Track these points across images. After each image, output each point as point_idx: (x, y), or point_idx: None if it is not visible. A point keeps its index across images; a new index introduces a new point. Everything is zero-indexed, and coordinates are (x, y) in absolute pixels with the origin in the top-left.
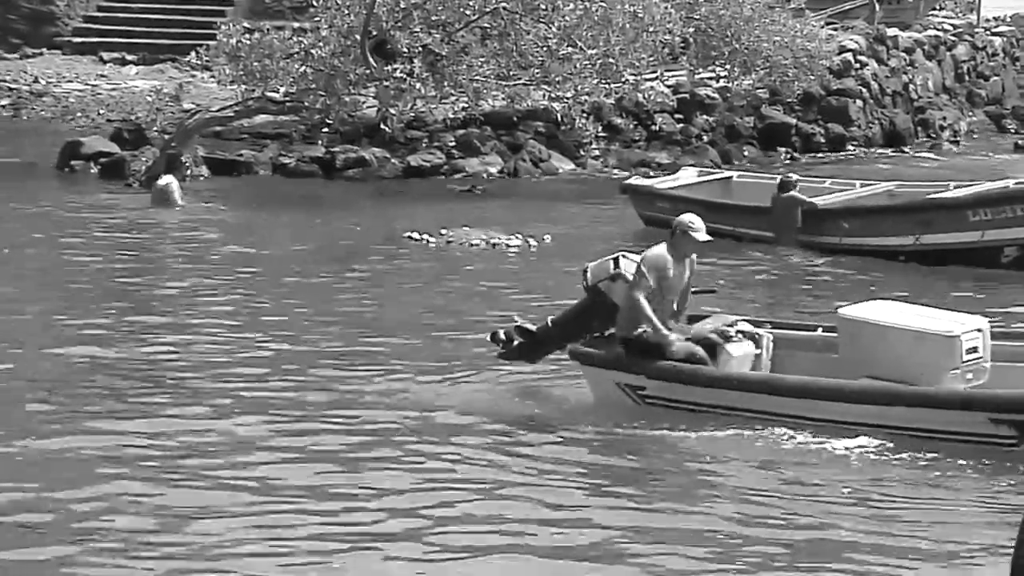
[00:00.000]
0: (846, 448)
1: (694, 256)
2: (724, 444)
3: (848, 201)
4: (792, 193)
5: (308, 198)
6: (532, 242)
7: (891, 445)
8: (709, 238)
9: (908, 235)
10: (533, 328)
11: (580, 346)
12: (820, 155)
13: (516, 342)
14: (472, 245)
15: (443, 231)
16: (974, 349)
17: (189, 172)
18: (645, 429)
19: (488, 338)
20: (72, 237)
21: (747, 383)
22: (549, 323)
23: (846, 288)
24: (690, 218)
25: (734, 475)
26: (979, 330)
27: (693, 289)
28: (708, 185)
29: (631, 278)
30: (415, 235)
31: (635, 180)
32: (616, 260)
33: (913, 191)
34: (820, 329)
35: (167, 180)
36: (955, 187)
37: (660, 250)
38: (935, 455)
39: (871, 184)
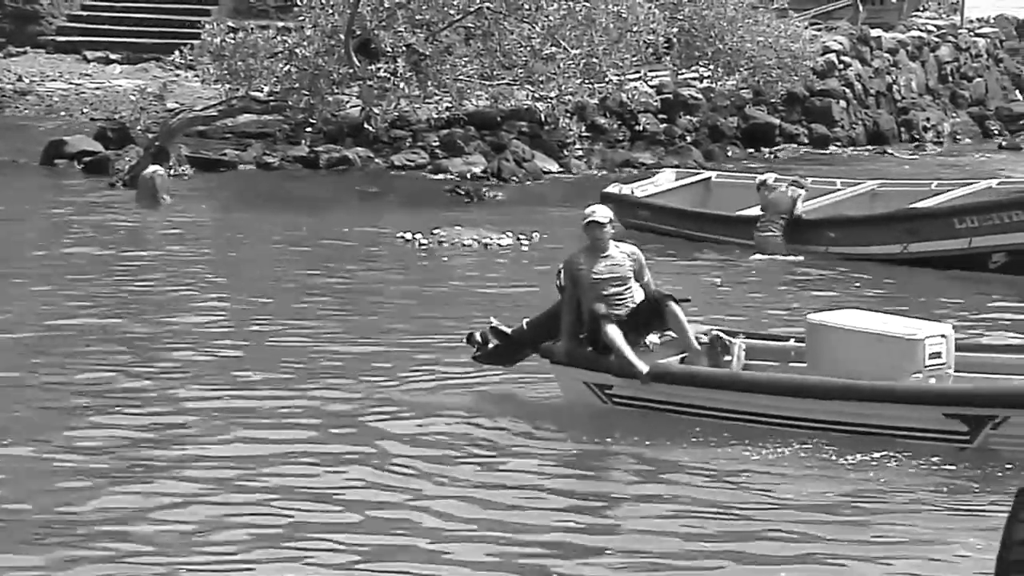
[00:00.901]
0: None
1: (622, 245)
2: (690, 452)
3: (832, 205)
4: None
5: (294, 195)
6: (523, 240)
7: (851, 451)
8: (599, 219)
9: (895, 244)
10: (508, 330)
11: (551, 345)
12: (803, 151)
13: (491, 344)
14: (464, 245)
15: (434, 231)
16: (937, 354)
17: (173, 170)
18: (614, 434)
19: (464, 340)
20: (57, 234)
21: (711, 380)
22: (524, 325)
23: (827, 297)
24: (589, 208)
25: (699, 481)
26: (943, 336)
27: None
28: (687, 189)
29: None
30: (407, 235)
31: (613, 189)
32: None
33: (896, 190)
34: (792, 340)
35: (154, 169)
36: (937, 185)
37: (572, 251)
38: (893, 458)
39: (853, 184)
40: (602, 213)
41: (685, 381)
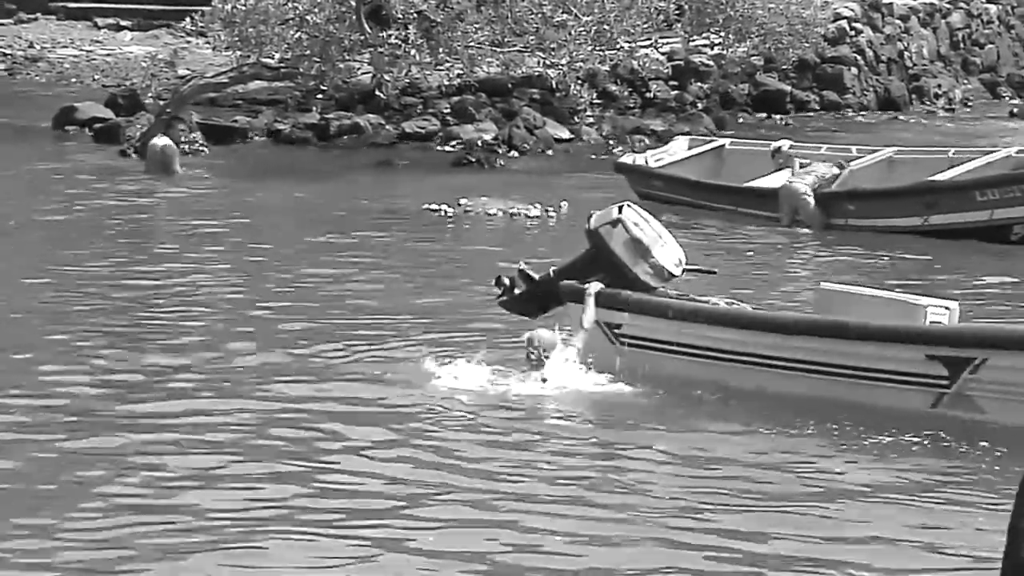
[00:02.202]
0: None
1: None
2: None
3: (850, 174)
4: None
5: (308, 167)
6: (551, 212)
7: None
8: None
9: (916, 216)
10: (536, 276)
11: (570, 284)
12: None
13: (518, 290)
14: (488, 214)
15: (461, 201)
16: (937, 323)
17: (184, 138)
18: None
19: (492, 282)
20: (67, 202)
21: (714, 316)
22: (551, 272)
23: (845, 269)
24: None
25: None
26: (947, 308)
27: (693, 267)
28: (700, 158)
29: (631, 227)
30: (433, 206)
31: (627, 159)
32: (620, 207)
33: (914, 157)
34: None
35: (165, 141)
36: (955, 153)
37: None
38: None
39: (870, 151)
40: None
41: (689, 316)
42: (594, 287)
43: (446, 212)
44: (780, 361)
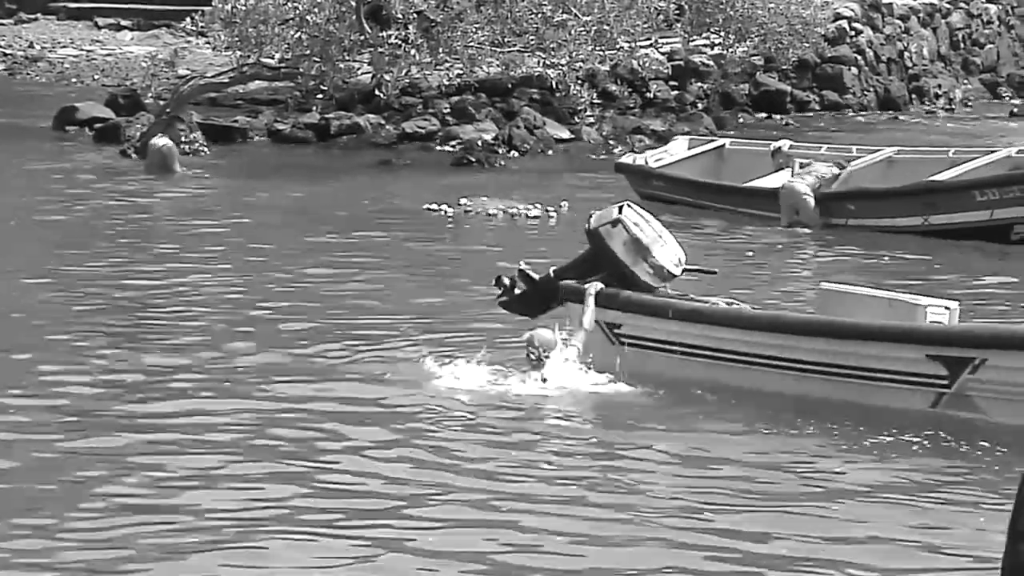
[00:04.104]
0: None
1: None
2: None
3: (850, 174)
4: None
5: (309, 166)
6: (551, 212)
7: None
8: None
9: (916, 216)
10: (535, 276)
11: (569, 284)
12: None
13: (518, 290)
14: (489, 214)
15: (461, 200)
16: (938, 323)
17: (184, 138)
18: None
19: (492, 282)
20: (67, 202)
21: (715, 316)
22: (551, 273)
23: (846, 269)
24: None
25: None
26: (946, 308)
27: (693, 267)
28: (700, 158)
29: (631, 227)
30: (433, 206)
31: (627, 159)
32: (620, 207)
33: (914, 157)
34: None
35: (165, 141)
36: (955, 153)
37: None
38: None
39: (871, 151)
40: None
41: (690, 317)
42: (594, 287)
43: (446, 212)
44: (780, 361)
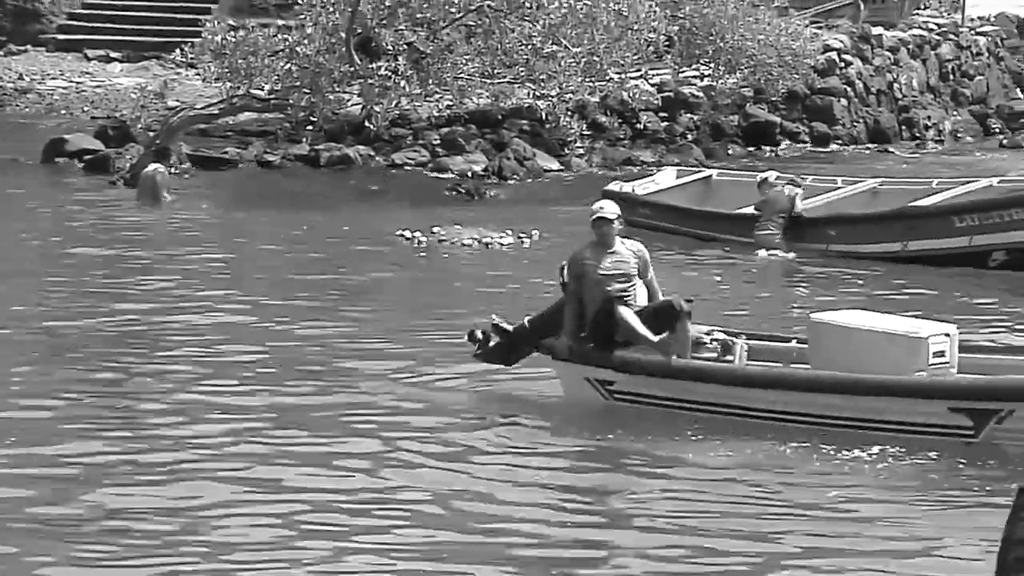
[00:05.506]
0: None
1: (628, 242)
2: (691, 450)
3: (832, 204)
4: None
5: (295, 194)
6: (524, 239)
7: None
8: (607, 215)
9: (895, 242)
10: (509, 327)
11: (552, 341)
12: (804, 149)
13: (492, 342)
14: (464, 244)
15: (434, 229)
16: (941, 353)
17: (175, 168)
18: (616, 432)
19: (465, 337)
20: (57, 233)
21: (714, 374)
22: (526, 323)
23: (827, 295)
24: (597, 204)
25: (698, 479)
26: (947, 335)
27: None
28: (688, 187)
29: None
30: (406, 233)
31: (614, 186)
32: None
33: (897, 188)
34: (795, 340)
35: (155, 167)
36: (938, 183)
37: (577, 247)
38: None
39: (854, 182)
40: (610, 209)
41: (691, 376)
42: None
43: (419, 240)
44: (796, 416)
